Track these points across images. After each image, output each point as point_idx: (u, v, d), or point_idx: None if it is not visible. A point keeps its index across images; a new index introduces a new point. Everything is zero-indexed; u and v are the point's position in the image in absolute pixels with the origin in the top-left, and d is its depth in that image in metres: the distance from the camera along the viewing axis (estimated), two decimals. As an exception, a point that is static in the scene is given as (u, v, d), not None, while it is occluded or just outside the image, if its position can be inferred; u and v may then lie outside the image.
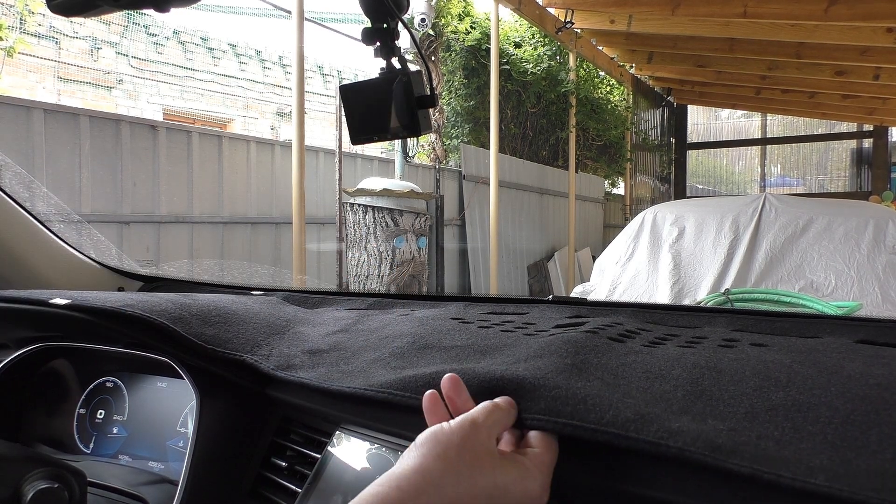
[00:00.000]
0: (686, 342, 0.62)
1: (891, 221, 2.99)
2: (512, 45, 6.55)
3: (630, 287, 3.41)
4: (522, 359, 0.57)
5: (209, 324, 0.78)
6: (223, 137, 4.07)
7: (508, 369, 0.53)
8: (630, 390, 0.48)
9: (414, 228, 4.27)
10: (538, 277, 6.83)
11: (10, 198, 1.04)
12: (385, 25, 0.75)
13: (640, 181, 9.18)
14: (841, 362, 0.50)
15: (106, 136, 3.40)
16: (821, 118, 10.00)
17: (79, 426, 0.90)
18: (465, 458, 0.42)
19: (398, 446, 0.59)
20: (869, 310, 2.72)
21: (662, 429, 0.41)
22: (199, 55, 9.54)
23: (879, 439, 0.36)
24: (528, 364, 0.55)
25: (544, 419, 0.46)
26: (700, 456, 0.38)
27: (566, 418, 0.45)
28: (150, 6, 0.63)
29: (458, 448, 0.42)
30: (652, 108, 9.39)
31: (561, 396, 0.47)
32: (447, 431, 0.43)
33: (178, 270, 3.42)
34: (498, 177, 5.21)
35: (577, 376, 0.51)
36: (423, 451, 0.42)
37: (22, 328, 0.90)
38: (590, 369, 0.53)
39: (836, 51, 6.08)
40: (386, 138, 0.81)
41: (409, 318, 0.81)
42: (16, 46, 4.50)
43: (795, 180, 11.60)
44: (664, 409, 0.44)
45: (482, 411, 0.46)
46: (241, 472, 0.73)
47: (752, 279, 3.05)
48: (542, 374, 0.51)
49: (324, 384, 0.63)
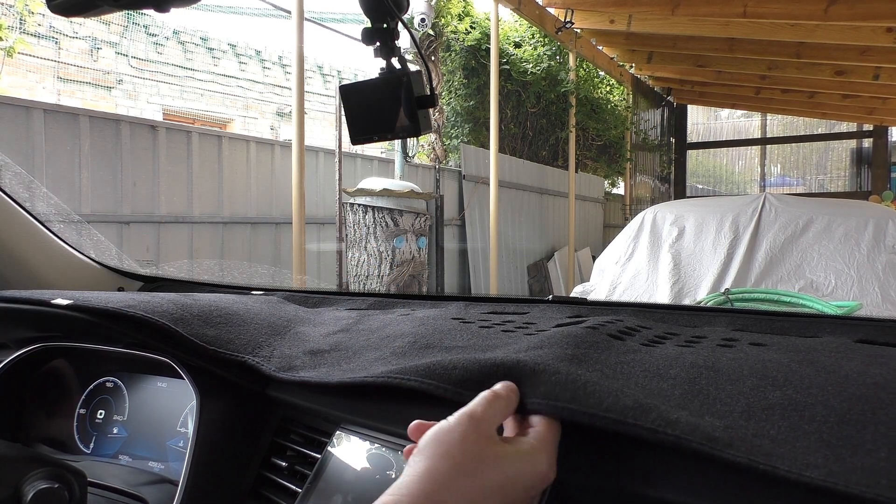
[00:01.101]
0: (685, 341, 0.62)
1: (891, 221, 2.99)
2: (512, 45, 6.55)
3: (630, 287, 3.42)
4: (523, 350, 0.57)
5: (210, 324, 0.78)
6: (223, 137, 4.07)
7: (509, 356, 0.53)
8: (628, 385, 0.48)
9: (414, 228, 4.27)
10: (538, 277, 6.83)
11: (9, 198, 1.05)
12: (385, 25, 0.75)
13: (640, 181, 9.18)
14: (839, 362, 0.50)
15: (106, 136, 3.40)
16: (821, 118, 10.00)
17: (79, 426, 0.90)
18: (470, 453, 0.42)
19: (398, 446, 0.59)
20: (869, 309, 2.72)
21: (661, 418, 0.41)
22: (198, 55, 9.54)
23: (875, 437, 0.37)
24: (529, 353, 0.55)
25: (543, 403, 0.46)
26: (697, 445, 0.38)
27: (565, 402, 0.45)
28: (150, 6, 0.63)
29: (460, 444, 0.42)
30: (652, 107, 9.40)
31: (561, 382, 0.47)
32: (447, 430, 0.43)
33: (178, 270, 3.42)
34: (498, 177, 5.22)
35: (577, 365, 0.51)
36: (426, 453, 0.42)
37: (22, 328, 0.90)
38: (589, 362, 0.53)
39: (836, 51, 6.08)
40: (386, 138, 0.82)
41: (409, 318, 0.81)
42: (16, 46, 4.50)
43: (795, 180, 11.60)
44: (662, 402, 0.44)
45: (481, 402, 0.45)
46: (241, 472, 0.73)
47: (752, 279, 3.06)
48: (542, 360, 0.51)
49: (325, 379, 0.63)
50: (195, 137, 3.84)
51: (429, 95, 0.75)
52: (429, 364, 0.56)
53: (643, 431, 0.40)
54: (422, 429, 0.47)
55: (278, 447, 0.74)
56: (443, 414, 0.54)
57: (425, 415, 0.49)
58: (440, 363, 0.55)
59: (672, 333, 0.67)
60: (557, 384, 0.47)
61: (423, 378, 0.54)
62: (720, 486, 0.39)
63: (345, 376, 0.62)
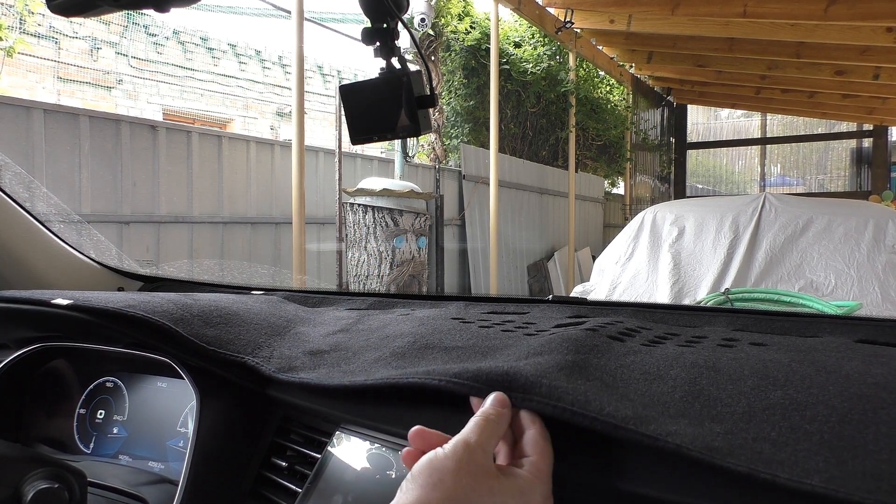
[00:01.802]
0: (685, 342, 0.62)
1: (891, 221, 2.99)
2: (512, 45, 6.55)
3: (630, 287, 3.42)
4: (523, 357, 0.57)
5: (210, 325, 0.78)
6: (223, 137, 4.07)
7: (509, 365, 0.53)
8: (628, 392, 0.48)
9: (414, 228, 4.27)
10: (538, 277, 6.83)
11: (10, 198, 1.05)
12: (385, 25, 0.75)
13: (640, 181, 9.18)
14: (840, 361, 0.50)
15: (106, 136, 3.40)
16: (821, 118, 10.00)
17: (79, 426, 0.90)
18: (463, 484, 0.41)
19: (398, 446, 0.59)
20: (869, 309, 2.72)
21: (660, 429, 0.41)
22: (198, 55, 9.54)
23: (876, 438, 0.37)
24: (529, 361, 0.55)
25: (544, 402, 0.46)
26: (697, 454, 0.38)
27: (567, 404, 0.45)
28: (150, 6, 0.63)
29: (454, 474, 0.41)
30: (652, 107, 9.40)
31: (562, 387, 0.47)
32: (441, 458, 0.42)
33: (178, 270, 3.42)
34: (498, 177, 5.21)
35: (578, 374, 0.51)
36: (419, 482, 0.41)
37: (22, 328, 0.90)
38: (589, 369, 0.53)
39: (836, 50, 6.08)
40: (386, 138, 0.82)
41: (409, 318, 0.81)
42: (15, 46, 4.50)
43: (795, 180, 11.60)
44: (661, 412, 0.44)
45: (474, 429, 0.45)
46: (241, 472, 0.73)
47: (752, 279, 3.06)
48: (542, 369, 0.51)
49: (325, 381, 0.63)
50: (195, 137, 3.84)
51: (429, 95, 0.75)
52: (427, 371, 0.56)
53: (644, 438, 0.40)
54: (423, 434, 0.47)
55: (278, 447, 0.74)
56: (443, 414, 0.54)
57: (425, 416, 0.49)
58: (437, 371, 0.55)
59: (672, 334, 0.67)
60: (559, 388, 0.47)
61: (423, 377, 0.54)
62: (722, 491, 0.38)
63: (344, 379, 0.62)
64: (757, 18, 5.30)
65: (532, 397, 0.47)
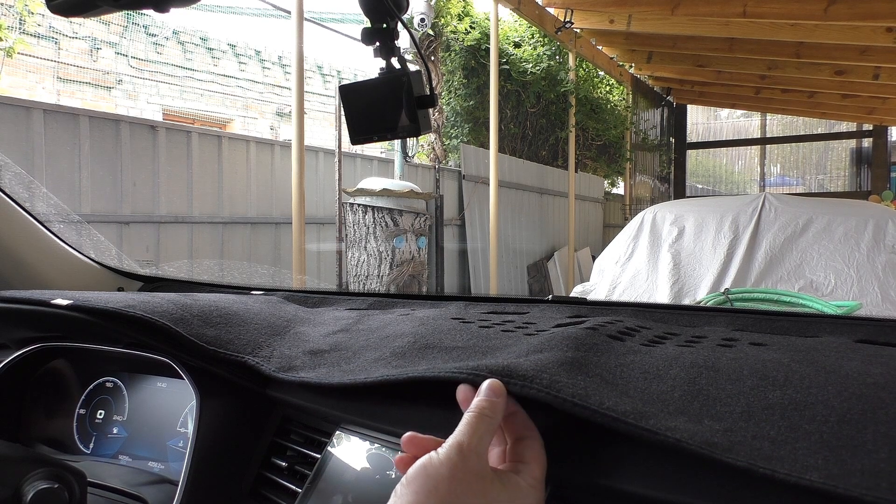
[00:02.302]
0: (685, 341, 0.62)
1: (890, 221, 2.99)
2: (511, 45, 6.55)
3: (630, 287, 3.42)
4: (523, 355, 0.57)
5: (210, 325, 0.78)
6: (223, 137, 4.07)
7: (509, 360, 0.53)
8: (628, 389, 0.48)
9: (414, 228, 4.27)
10: (538, 277, 6.83)
11: (10, 198, 1.05)
12: (385, 25, 0.75)
13: (640, 181, 9.19)
14: (839, 361, 0.50)
15: (106, 136, 3.40)
16: (820, 118, 10.01)
17: (79, 426, 0.90)
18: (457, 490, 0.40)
19: (398, 446, 0.59)
20: (869, 309, 2.72)
21: (659, 424, 0.41)
22: (198, 55, 9.54)
23: (875, 438, 0.37)
24: (529, 358, 0.55)
25: (545, 391, 0.46)
26: (697, 448, 0.38)
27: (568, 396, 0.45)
28: (150, 6, 0.63)
29: (448, 480, 0.41)
30: (651, 107, 9.40)
31: (562, 381, 0.47)
32: (436, 464, 0.41)
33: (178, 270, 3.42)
34: (498, 177, 5.21)
35: (578, 370, 0.51)
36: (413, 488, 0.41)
37: (22, 328, 0.90)
38: (589, 366, 0.53)
39: (836, 50, 6.08)
40: (386, 138, 0.82)
41: (409, 318, 0.81)
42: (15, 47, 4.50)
43: (795, 180, 11.60)
44: (660, 409, 0.44)
45: (467, 430, 0.44)
46: (241, 472, 0.73)
47: (752, 279, 3.06)
48: (542, 364, 0.51)
49: (325, 380, 0.63)
50: (195, 137, 3.84)
51: (428, 95, 0.75)
52: (427, 369, 0.56)
53: (643, 432, 0.40)
54: (415, 440, 0.46)
55: (278, 447, 0.74)
56: (443, 414, 0.54)
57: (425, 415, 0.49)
58: (437, 368, 0.55)
59: (672, 333, 0.67)
60: (559, 382, 0.47)
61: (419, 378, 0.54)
62: (721, 487, 0.39)
63: (344, 377, 0.62)
64: (757, 18, 5.30)
65: (533, 385, 0.47)
